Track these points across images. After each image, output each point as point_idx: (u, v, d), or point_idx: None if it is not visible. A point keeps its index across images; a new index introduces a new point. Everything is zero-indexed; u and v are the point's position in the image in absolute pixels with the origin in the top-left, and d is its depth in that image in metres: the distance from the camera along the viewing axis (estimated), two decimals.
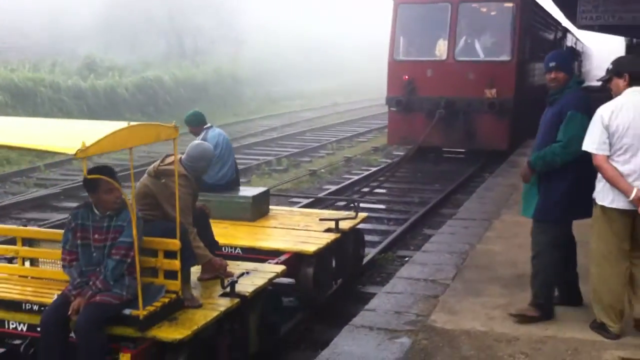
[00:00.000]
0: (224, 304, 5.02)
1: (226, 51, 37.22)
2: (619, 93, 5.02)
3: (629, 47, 46.73)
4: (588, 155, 4.87)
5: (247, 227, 7.19)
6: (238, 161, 16.23)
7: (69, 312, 4.48)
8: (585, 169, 5.00)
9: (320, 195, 12.18)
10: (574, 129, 5.04)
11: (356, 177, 14.25)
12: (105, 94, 23.45)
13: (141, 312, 4.46)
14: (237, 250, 6.54)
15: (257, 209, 7.53)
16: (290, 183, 13.99)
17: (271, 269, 5.78)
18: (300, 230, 7.13)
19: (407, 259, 8.87)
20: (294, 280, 6.50)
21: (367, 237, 9.74)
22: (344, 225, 7.27)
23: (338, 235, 7.05)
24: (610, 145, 4.80)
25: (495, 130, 15.19)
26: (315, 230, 7.12)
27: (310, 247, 6.56)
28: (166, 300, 4.75)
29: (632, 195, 4.70)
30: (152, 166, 5.50)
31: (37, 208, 11.93)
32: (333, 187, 13.23)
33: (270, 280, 5.55)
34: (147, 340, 4.51)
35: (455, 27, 15.53)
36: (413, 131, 15.35)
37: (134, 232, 4.44)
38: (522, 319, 5.42)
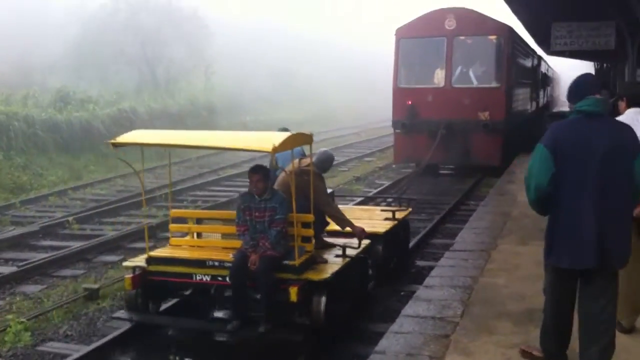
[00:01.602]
0: (340, 261, 7.05)
1: (198, 81, 37.03)
2: (621, 113, 5.77)
3: (597, 72, 47.67)
4: (564, 191, 4.42)
5: None
6: (219, 193, 16.08)
7: (249, 264, 6.47)
8: (560, 206, 4.49)
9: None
10: (530, 161, 4.62)
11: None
12: (81, 126, 22.99)
13: (297, 261, 6.56)
14: (324, 234, 7.91)
15: None
16: None
17: (364, 243, 7.61)
18: (365, 220, 8.72)
19: (402, 293, 8.73)
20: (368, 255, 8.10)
21: None
22: (399, 215, 9.30)
23: (396, 222, 9.08)
24: None
25: (489, 148, 17.18)
26: (377, 220, 9.07)
27: (380, 229, 8.55)
28: (307, 256, 6.79)
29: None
30: (291, 166, 7.07)
31: (15, 247, 11.49)
32: None
33: (364, 249, 7.54)
34: (302, 280, 6.52)
35: (451, 58, 17.70)
36: (416, 150, 17.49)
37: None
38: (526, 355, 5.20)
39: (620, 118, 5.41)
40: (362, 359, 5.62)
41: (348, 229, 7.55)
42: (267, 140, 6.19)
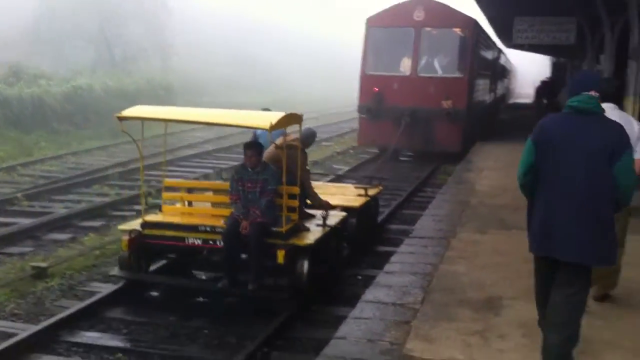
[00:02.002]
0: (320, 230, 7.69)
1: (156, 61, 36.37)
2: None
3: (555, 65, 48.37)
4: (543, 183, 4.51)
5: None
6: (177, 173, 15.76)
7: (240, 229, 7.10)
8: (538, 196, 4.57)
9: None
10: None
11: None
12: (33, 102, 22.27)
13: (284, 228, 7.17)
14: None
15: None
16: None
17: (340, 214, 8.50)
18: (340, 195, 9.64)
19: (359, 277, 8.62)
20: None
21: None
22: (371, 192, 10.00)
23: (368, 198, 9.77)
24: None
25: (451, 135, 18.00)
26: (351, 196, 9.77)
27: (355, 203, 9.33)
28: (292, 224, 7.42)
29: None
30: (279, 141, 7.87)
31: None
32: None
33: (341, 220, 8.35)
34: (288, 245, 7.16)
35: (418, 48, 18.51)
36: (381, 135, 18.24)
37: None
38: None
39: None
40: (322, 343, 5.46)
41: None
42: (265, 118, 6.93)
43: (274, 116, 6.91)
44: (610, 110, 5.41)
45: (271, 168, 7.45)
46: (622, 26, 17.06)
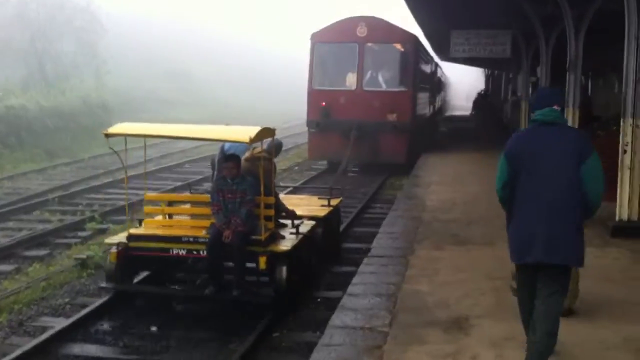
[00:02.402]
0: (294, 237, 8.13)
1: (90, 78, 35.49)
2: None
3: (488, 77, 49.52)
4: (518, 194, 4.82)
5: None
6: (117, 196, 15.31)
7: (223, 238, 7.51)
8: (514, 206, 4.89)
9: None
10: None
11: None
12: None
13: (263, 236, 7.65)
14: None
15: None
16: None
17: (309, 223, 8.90)
18: (304, 206, 9.85)
19: (319, 299, 8.51)
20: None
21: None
22: (333, 202, 10.11)
23: (331, 208, 9.93)
24: None
25: (396, 147, 18.64)
26: (315, 206, 9.96)
27: (321, 213, 9.55)
28: (269, 232, 7.87)
29: None
30: (248, 154, 8.35)
31: None
32: None
33: (311, 228, 8.79)
34: (268, 252, 7.63)
35: (362, 63, 19.06)
36: (330, 148, 18.80)
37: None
38: None
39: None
40: None
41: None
42: (244, 133, 7.47)
43: (252, 130, 7.43)
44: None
45: (248, 179, 7.86)
46: (556, 39, 17.56)
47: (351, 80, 19.27)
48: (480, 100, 37.27)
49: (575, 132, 4.95)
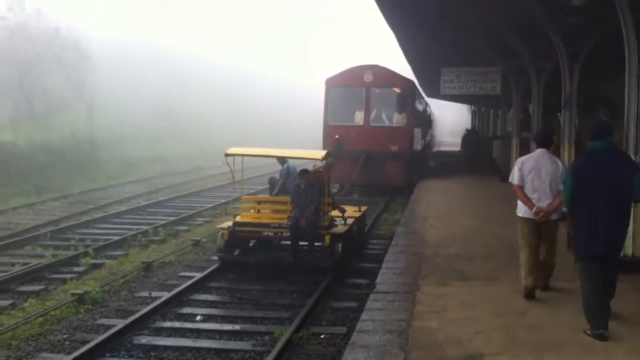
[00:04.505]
0: (344, 226, 11.86)
1: (78, 113, 35.33)
2: (532, 151, 8.44)
3: (474, 114, 49.91)
4: (583, 205, 6.66)
5: None
6: (109, 231, 15.08)
7: (300, 224, 11.07)
8: (580, 214, 6.78)
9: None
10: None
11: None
12: None
13: (326, 222, 11.30)
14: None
15: None
16: (173, 255, 13.03)
17: (354, 216, 12.62)
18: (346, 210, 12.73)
19: (323, 336, 8.38)
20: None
21: (274, 312, 9.42)
22: (362, 209, 13.63)
23: (362, 213, 13.42)
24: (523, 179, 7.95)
25: (398, 172, 22.04)
26: (351, 210, 12.99)
27: (356, 215, 12.89)
28: (329, 221, 11.44)
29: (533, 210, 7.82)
30: (312, 168, 12.53)
31: None
32: None
33: (354, 221, 12.42)
34: (330, 233, 11.23)
35: (368, 103, 22.71)
36: (342, 174, 20.89)
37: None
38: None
39: (529, 155, 8.21)
40: None
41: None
42: (318, 154, 12.04)
43: (322, 152, 12.00)
44: (542, 154, 8.02)
45: (316, 187, 11.43)
46: (547, 76, 17.72)
47: (359, 117, 22.71)
48: (468, 137, 37.51)
49: (624, 156, 7.22)
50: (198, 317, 9.10)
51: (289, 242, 11.39)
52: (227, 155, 11.32)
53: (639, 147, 9.20)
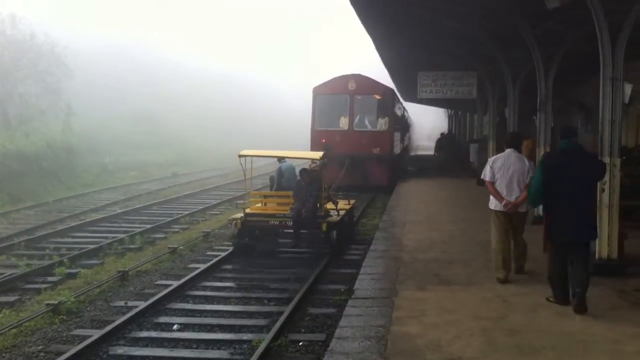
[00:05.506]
0: (338, 216, 13.81)
1: (54, 121, 34.93)
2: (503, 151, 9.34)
3: (451, 117, 50.17)
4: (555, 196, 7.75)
5: None
6: (85, 240, 14.87)
7: (301, 214, 12.85)
8: (551, 206, 7.88)
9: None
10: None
11: (223, 254, 13.36)
12: None
13: (323, 212, 13.32)
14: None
15: None
16: (150, 263, 12.88)
17: (345, 208, 14.57)
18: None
19: (301, 343, 8.31)
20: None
21: (251, 320, 9.33)
22: (351, 202, 15.45)
23: (351, 205, 15.19)
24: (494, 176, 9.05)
25: (380, 173, 24.39)
26: (343, 203, 14.81)
27: (347, 207, 14.70)
28: (325, 211, 13.39)
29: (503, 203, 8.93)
30: (309, 167, 14.39)
31: None
32: (202, 266, 12.32)
33: (346, 212, 14.45)
34: (327, 221, 13.13)
35: (352, 109, 25.15)
36: (329, 176, 20.88)
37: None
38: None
39: (499, 155, 9.28)
40: None
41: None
42: (316, 155, 13.98)
43: (320, 153, 14.00)
44: (510, 153, 9.09)
45: (315, 184, 13.27)
46: (523, 79, 17.82)
47: (344, 123, 25.09)
48: (444, 141, 37.67)
49: (590, 155, 8.17)
50: (175, 327, 8.99)
51: (292, 230, 13.22)
52: (240, 156, 13.19)
53: (614, 149, 9.27)
